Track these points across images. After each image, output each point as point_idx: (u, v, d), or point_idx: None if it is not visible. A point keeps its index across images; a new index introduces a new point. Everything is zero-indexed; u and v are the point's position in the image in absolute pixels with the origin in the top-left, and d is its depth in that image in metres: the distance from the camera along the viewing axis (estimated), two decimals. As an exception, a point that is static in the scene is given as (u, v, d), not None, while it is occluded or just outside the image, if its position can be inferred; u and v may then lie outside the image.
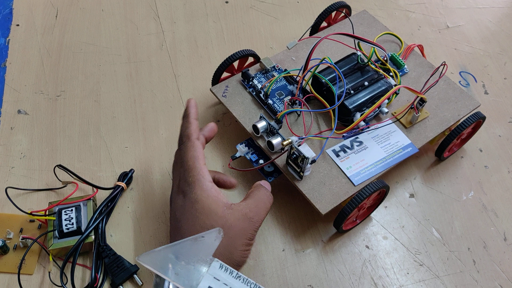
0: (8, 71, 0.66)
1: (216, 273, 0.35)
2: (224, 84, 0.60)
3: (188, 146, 0.45)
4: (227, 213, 0.42)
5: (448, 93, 0.60)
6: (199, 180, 0.43)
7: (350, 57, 0.59)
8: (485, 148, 0.63)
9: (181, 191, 0.44)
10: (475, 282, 0.52)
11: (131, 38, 0.71)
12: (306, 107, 0.56)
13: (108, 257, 0.50)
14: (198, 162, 0.44)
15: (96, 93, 0.65)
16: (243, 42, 0.72)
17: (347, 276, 0.52)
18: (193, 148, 0.45)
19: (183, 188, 0.44)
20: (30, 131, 0.61)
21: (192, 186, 0.43)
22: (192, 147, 0.45)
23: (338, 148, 0.54)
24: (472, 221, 0.57)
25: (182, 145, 0.46)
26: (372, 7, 0.78)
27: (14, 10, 0.74)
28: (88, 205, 0.52)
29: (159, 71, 0.68)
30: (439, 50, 0.73)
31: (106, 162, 0.59)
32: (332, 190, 0.51)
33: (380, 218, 0.56)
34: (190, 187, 0.43)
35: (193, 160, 0.44)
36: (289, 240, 0.54)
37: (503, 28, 0.77)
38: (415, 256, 0.54)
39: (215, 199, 0.43)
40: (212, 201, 0.42)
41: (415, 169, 0.60)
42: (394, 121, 0.57)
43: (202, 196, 0.42)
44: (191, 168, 0.44)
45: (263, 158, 0.55)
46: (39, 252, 0.51)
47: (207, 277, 0.35)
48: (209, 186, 0.43)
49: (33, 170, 0.57)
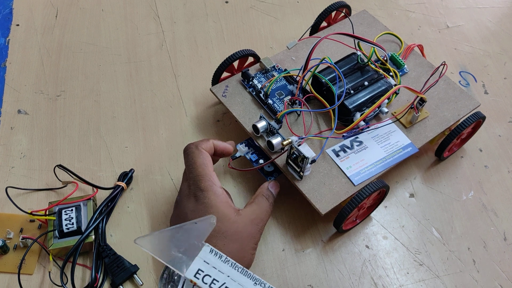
0: (8, 71, 0.66)
1: (207, 257, 0.38)
2: (224, 84, 0.60)
3: (196, 154, 0.47)
4: (238, 219, 0.45)
5: (448, 93, 0.60)
6: (211, 186, 0.46)
7: (350, 57, 0.59)
8: (485, 148, 0.63)
9: (192, 195, 0.46)
10: (475, 282, 0.52)
11: (131, 38, 0.71)
12: (306, 107, 0.56)
13: (108, 257, 0.50)
14: (208, 169, 0.47)
15: (96, 93, 0.65)
16: (243, 42, 0.72)
17: (347, 276, 0.52)
18: (201, 155, 0.47)
19: (195, 193, 0.46)
20: (30, 131, 0.61)
21: (205, 192, 0.45)
22: (201, 154, 0.47)
23: (338, 148, 0.54)
24: (472, 221, 0.57)
25: (190, 153, 0.48)
26: (372, 7, 0.78)
27: (14, 10, 0.74)
28: (88, 205, 0.52)
29: (159, 71, 0.68)
30: (439, 50, 0.73)
31: (106, 162, 0.59)
32: (332, 190, 0.51)
33: (380, 218, 0.56)
34: (203, 193, 0.45)
35: (202, 167, 0.47)
36: (289, 240, 0.54)
37: (503, 28, 0.77)
38: (415, 256, 0.54)
39: (227, 205, 0.46)
40: (225, 207, 0.45)
41: (415, 169, 0.60)
42: (394, 121, 0.57)
43: (216, 201, 0.45)
44: (202, 175, 0.46)
45: (263, 158, 0.55)
46: (39, 252, 0.51)
47: (198, 260, 0.37)
48: (220, 192, 0.46)
49: (33, 170, 0.57)
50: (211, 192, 0.45)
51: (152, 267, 0.51)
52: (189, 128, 0.62)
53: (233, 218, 0.45)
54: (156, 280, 0.51)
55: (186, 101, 0.64)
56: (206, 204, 0.45)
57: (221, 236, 0.44)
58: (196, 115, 0.63)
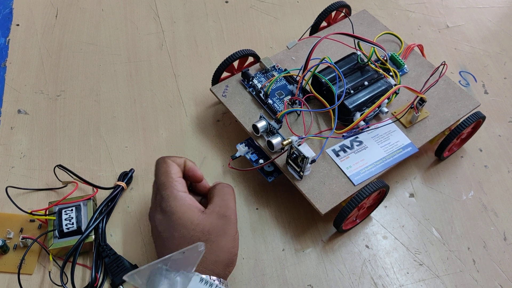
0: (8, 71, 0.66)
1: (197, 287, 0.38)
2: (224, 84, 0.60)
3: (161, 163, 0.47)
4: (202, 219, 0.43)
5: (448, 92, 0.60)
6: (172, 192, 0.44)
7: (350, 57, 0.59)
8: (485, 148, 0.63)
9: (158, 205, 0.45)
10: (475, 281, 0.52)
11: (131, 38, 0.71)
12: (306, 106, 0.56)
13: (108, 257, 0.50)
14: (170, 175, 0.46)
15: (96, 93, 0.65)
16: (243, 42, 0.72)
17: (347, 275, 0.52)
18: (165, 164, 0.47)
19: (159, 203, 0.45)
20: (30, 131, 0.61)
21: (166, 199, 0.44)
22: (164, 163, 0.47)
23: (338, 147, 0.54)
24: (472, 221, 0.57)
25: (157, 163, 0.48)
26: (372, 7, 0.78)
27: (14, 10, 0.74)
28: (88, 205, 0.52)
29: (159, 71, 0.68)
30: (439, 50, 0.73)
31: (106, 162, 0.59)
32: (332, 189, 0.51)
33: (380, 217, 0.56)
34: (165, 201, 0.44)
35: (165, 174, 0.46)
36: (289, 240, 0.54)
37: (503, 28, 0.77)
38: (415, 255, 0.54)
39: (190, 207, 0.44)
40: (187, 209, 0.44)
41: (415, 168, 0.60)
42: (394, 120, 0.57)
43: (177, 206, 0.44)
44: (163, 183, 0.45)
45: (263, 158, 0.55)
46: (39, 252, 0.51)
47: None
48: (182, 196, 0.44)
49: (33, 170, 0.57)
50: (171, 198, 0.44)
51: (152, 267, 0.51)
52: (189, 128, 0.62)
53: (196, 220, 0.43)
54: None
55: (186, 101, 0.65)
56: (168, 212, 0.43)
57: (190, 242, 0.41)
58: (196, 115, 0.63)
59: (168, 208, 0.44)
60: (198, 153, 0.60)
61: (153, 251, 0.52)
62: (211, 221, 0.44)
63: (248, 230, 0.54)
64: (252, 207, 0.56)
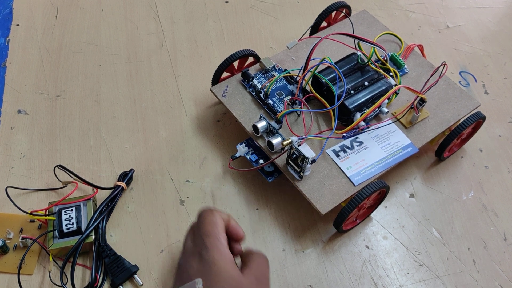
0: (8, 71, 0.66)
1: None
2: (224, 84, 0.60)
3: (208, 213, 0.46)
4: (242, 279, 0.43)
5: (448, 93, 0.60)
6: (217, 244, 0.44)
7: (350, 57, 0.59)
8: (485, 148, 0.63)
9: (197, 253, 0.44)
10: (475, 282, 0.52)
11: (131, 38, 0.71)
12: (306, 107, 0.56)
13: (108, 257, 0.50)
14: (217, 227, 0.45)
15: (96, 93, 0.65)
16: (243, 42, 0.72)
17: (347, 276, 0.52)
18: (212, 215, 0.46)
19: (200, 250, 0.44)
20: (30, 131, 0.61)
21: (209, 249, 0.44)
22: (212, 215, 0.46)
23: (338, 148, 0.54)
24: (472, 221, 0.57)
25: (203, 212, 0.47)
26: (372, 7, 0.78)
27: (14, 10, 0.74)
28: (88, 205, 0.52)
29: (159, 71, 0.68)
30: (439, 50, 0.73)
31: (106, 162, 0.59)
32: (332, 190, 0.51)
33: (380, 218, 0.56)
34: (207, 250, 0.44)
35: (211, 225, 0.45)
36: (289, 240, 0.54)
37: (503, 28, 0.77)
38: (415, 256, 0.54)
39: (231, 264, 0.44)
40: (228, 265, 0.43)
41: (415, 169, 0.60)
42: (394, 121, 0.57)
43: (219, 259, 0.43)
44: (209, 232, 0.45)
45: (263, 158, 0.55)
46: (39, 252, 0.51)
47: None
48: (225, 251, 0.44)
49: (33, 170, 0.57)
50: (215, 249, 0.44)
51: (152, 268, 0.51)
52: (189, 128, 0.62)
53: (237, 276, 0.43)
54: (156, 280, 0.51)
55: (186, 101, 0.64)
56: (209, 262, 0.43)
57: None
58: (196, 115, 0.63)
59: (210, 258, 0.43)
60: (198, 153, 0.60)
61: (153, 251, 0.52)
62: (249, 284, 0.44)
63: (248, 230, 0.54)
64: (252, 208, 0.56)
